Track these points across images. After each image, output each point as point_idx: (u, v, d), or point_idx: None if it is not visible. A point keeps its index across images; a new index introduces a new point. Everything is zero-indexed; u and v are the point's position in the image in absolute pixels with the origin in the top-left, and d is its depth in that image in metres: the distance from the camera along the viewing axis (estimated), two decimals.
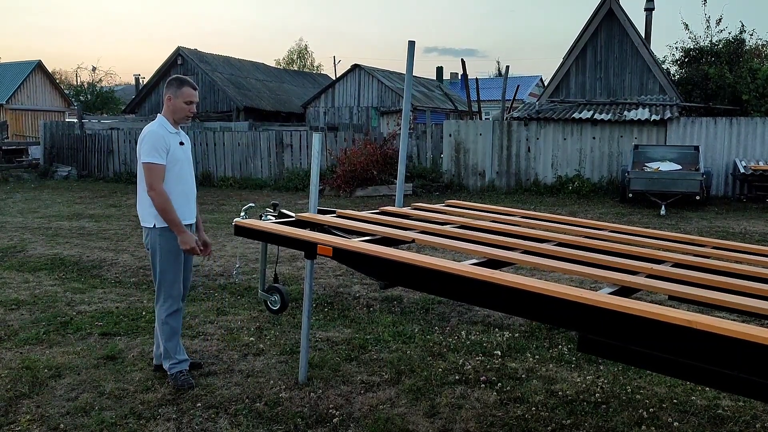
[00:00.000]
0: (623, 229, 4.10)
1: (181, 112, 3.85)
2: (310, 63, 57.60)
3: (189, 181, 3.93)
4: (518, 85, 25.71)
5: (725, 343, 2.04)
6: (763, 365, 1.98)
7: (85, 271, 7.11)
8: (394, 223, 3.84)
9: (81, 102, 36.23)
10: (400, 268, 2.92)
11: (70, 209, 12.75)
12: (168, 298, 3.86)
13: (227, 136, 18.43)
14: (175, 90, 3.83)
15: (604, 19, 17.63)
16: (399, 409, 3.53)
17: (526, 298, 2.47)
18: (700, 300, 2.51)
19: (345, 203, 13.56)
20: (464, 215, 4.34)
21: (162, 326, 3.88)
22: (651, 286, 2.64)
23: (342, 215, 4.10)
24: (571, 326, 2.53)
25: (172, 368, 3.88)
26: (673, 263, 3.10)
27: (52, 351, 4.43)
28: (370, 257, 3.04)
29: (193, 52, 29.66)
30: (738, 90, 17.89)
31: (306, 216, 3.86)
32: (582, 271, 2.81)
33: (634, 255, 3.24)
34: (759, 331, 2.02)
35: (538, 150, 15.61)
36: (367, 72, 29.40)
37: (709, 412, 3.52)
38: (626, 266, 2.94)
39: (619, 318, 2.24)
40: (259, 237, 3.65)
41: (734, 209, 12.46)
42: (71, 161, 20.69)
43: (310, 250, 3.34)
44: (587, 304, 2.31)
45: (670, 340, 2.14)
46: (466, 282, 2.66)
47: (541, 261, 2.98)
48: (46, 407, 3.54)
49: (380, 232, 3.53)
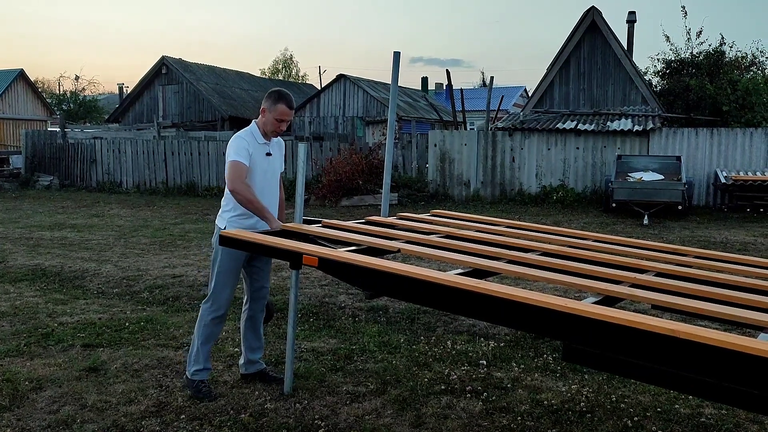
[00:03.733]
0: (607, 239, 4.14)
1: (270, 127, 3.85)
2: (295, 73, 57.64)
3: (267, 191, 3.90)
4: (503, 95, 25.90)
5: (707, 351, 2.06)
6: (744, 373, 2.01)
7: (66, 281, 7.03)
8: (380, 233, 3.84)
9: (63, 111, 35.96)
10: (385, 277, 2.92)
11: (51, 219, 12.61)
12: (216, 300, 3.83)
13: (212, 145, 18.36)
14: (270, 104, 3.83)
15: (587, 31, 17.83)
16: (385, 420, 3.52)
17: (510, 308, 2.48)
18: (683, 309, 2.54)
19: (330, 213, 13.54)
20: (450, 225, 4.35)
21: (203, 327, 3.83)
22: (634, 295, 2.67)
23: (327, 225, 4.09)
24: (555, 335, 2.54)
25: (195, 374, 3.81)
26: (655, 273, 3.13)
27: (33, 363, 4.37)
28: (355, 267, 3.04)
29: (177, 61, 29.58)
30: (718, 101, 18.16)
31: (291, 226, 3.85)
32: (566, 281, 2.83)
33: (617, 264, 3.27)
34: (739, 339, 2.04)
35: (522, 160, 15.71)
36: (352, 82, 29.48)
37: (692, 420, 3.54)
38: (610, 276, 2.97)
39: (603, 327, 2.25)
40: (245, 247, 3.64)
41: (715, 219, 12.60)
42: (53, 170, 20.50)
43: (295, 260, 3.33)
44: (571, 314, 2.32)
45: (654, 349, 2.16)
46: (450, 292, 2.66)
47: (525, 270, 3.00)
48: (27, 420, 3.49)
49: (366, 241, 3.53)
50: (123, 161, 19.38)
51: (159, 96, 29.47)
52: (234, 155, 3.75)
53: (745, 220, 12.42)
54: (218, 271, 3.82)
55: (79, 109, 39.68)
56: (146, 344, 4.80)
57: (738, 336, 2.11)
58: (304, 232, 3.78)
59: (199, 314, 3.89)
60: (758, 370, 1.98)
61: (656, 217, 12.36)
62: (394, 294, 3.32)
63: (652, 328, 2.15)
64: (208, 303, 3.86)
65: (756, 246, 9.30)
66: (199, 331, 3.85)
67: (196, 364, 3.83)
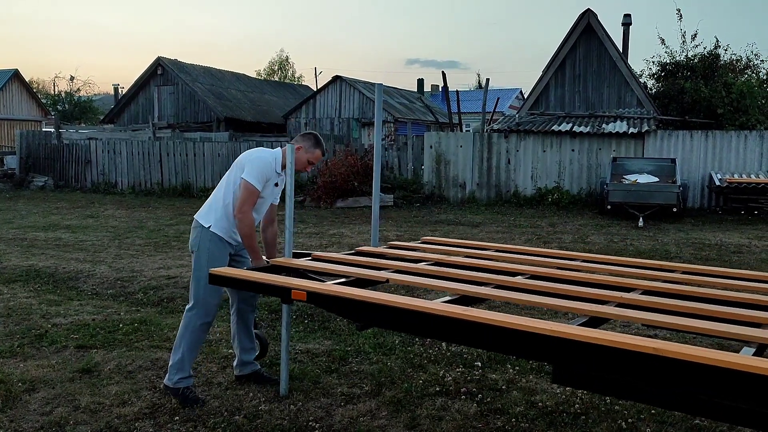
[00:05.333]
0: (595, 258, 4.19)
1: (297, 165, 3.89)
2: (291, 74, 57.63)
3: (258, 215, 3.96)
4: (498, 97, 25.97)
5: (691, 368, 2.09)
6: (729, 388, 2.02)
7: (60, 282, 7.01)
8: (369, 263, 3.87)
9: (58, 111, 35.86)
10: (373, 309, 2.94)
11: (46, 220, 12.57)
12: (205, 306, 3.76)
13: (207, 146, 18.33)
14: (309, 146, 3.92)
15: (583, 33, 17.89)
16: (379, 421, 3.52)
17: (497, 334, 2.50)
18: (668, 327, 2.58)
19: (326, 214, 13.54)
20: (439, 251, 4.38)
21: (190, 334, 3.75)
22: (620, 315, 2.71)
23: (317, 258, 4.11)
24: (543, 359, 2.57)
25: (180, 382, 3.73)
26: (642, 291, 3.18)
27: (26, 364, 4.35)
28: (343, 300, 3.06)
29: (173, 62, 29.53)
30: (713, 104, 18.23)
31: (280, 261, 3.87)
32: (553, 304, 2.87)
33: (604, 284, 3.31)
34: (722, 355, 2.08)
35: (517, 162, 15.73)
36: (348, 83, 29.48)
37: (686, 422, 3.55)
38: (597, 296, 3.01)
39: (589, 349, 2.28)
40: (234, 285, 3.65)
41: (710, 221, 12.64)
42: (48, 171, 20.43)
43: (284, 295, 3.35)
44: (557, 337, 2.34)
45: (639, 368, 2.19)
46: (438, 320, 2.68)
47: (512, 295, 3.04)
48: (20, 422, 3.47)
49: (355, 273, 3.56)
50: (118, 162, 19.33)
51: (154, 97, 29.41)
52: (255, 180, 3.75)
53: (739, 222, 12.47)
54: (205, 274, 3.72)
55: (74, 110, 39.59)
56: (140, 345, 4.78)
57: (720, 351, 2.14)
58: (293, 266, 3.80)
59: (185, 321, 3.79)
60: (742, 385, 2.00)
61: (651, 219, 12.40)
62: (383, 324, 3.36)
63: (636, 348, 2.18)
64: (194, 309, 3.77)
65: (750, 248, 9.33)
66: (186, 337, 3.76)
67: (181, 372, 3.74)
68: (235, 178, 3.81)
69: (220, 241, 3.79)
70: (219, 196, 3.86)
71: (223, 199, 3.82)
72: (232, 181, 3.84)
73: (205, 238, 3.79)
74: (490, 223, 12.22)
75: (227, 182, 3.86)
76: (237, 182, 3.79)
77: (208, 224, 3.80)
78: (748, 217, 12.89)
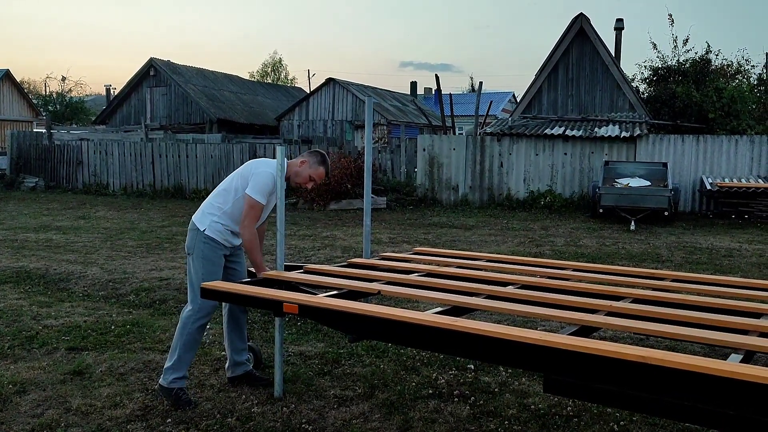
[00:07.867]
0: (586, 267, 4.22)
1: (301, 179, 3.97)
2: (284, 76, 57.65)
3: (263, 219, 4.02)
4: (491, 100, 26.01)
5: (678, 375, 2.11)
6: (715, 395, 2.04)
7: (51, 284, 6.97)
8: (361, 275, 3.87)
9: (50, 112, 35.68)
10: (364, 321, 2.96)
11: (36, 221, 12.49)
12: (203, 308, 3.78)
13: (200, 148, 18.28)
14: (314, 162, 3.97)
15: (576, 37, 17.95)
16: (372, 424, 3.52)
17: (488, 344, 2.52)
18: (656, 334, 2.60)
19: (319, 216, 13.53)
20: (431, 262, 4.39)
21: (186, 335, 3.76)
22: (609, 324, 2.72)
23: (309, 270, 4.11)
24: (534, 368, 2.59)
25: (174, 383, 3.73)
26: (632, 299, 3.20)
27: (16, 366, 4.32)
28: (334, 312, 3.07)
29: (166, 63, 29.46)
30: (704, 108, 18.34)
31: (272, 274, 3.88)
32: (543, 313, 2.88)
33: (595, 293, 3.33)
34: (708, 362, 2.10)
35: (510, 165, 15.77)
36: (341, 86, 29.49)
37: (677, 425, 3.56)
38: (587, 305, 3.03)
39: (578, 358, 2.30)
40: (226, 299, 3.65)
41: (701, 225, 12.71)
42: (39, 172, 20.32)
43: (276, 308, 3.36)
44: (546, 347, 2.36)
45: (627, 376, 2.20)
46: (429, 332, 2.69)
47: (502, 305, 3.05)
48: (10, 424, 3.45)
49: (346, 285, 3.57)
50: (110, 163, 19.25)
51: (147, 98, 29.32)
52: (260, 195, 3.80)
53: (730, 226, 12.54)
54: (202, 277, 3.77)
55: (66, 110, 39.40)
56: (132, 347, 4.76)
57: (706, 359, 2.16)
58: (285, 279, 3.80)
59: (182, 321, 3.81)
60: (730, 391, 2.01)
61: (643, 223, 12.45)
62: (375, 336, 3.36)
63: (623, 356, 2.21)
64: (192, 310, 3.79)
65: (741, 252, 9.39)
66: (183, 338, 3.77)
67: (176, 372, 3.74)
68: (238, 188, 3.85)
69: (215, 243, 3.83)
70: (218, 201, 3.89)
71: (223, 205, 3.86)
72: (233, 188, 3.87)
73: (200, 240, 3.81)
74: (483, 226, 12.24)
75: (227, 188, 3.89)
76: (240, 193, 3.83)
77: (203, 227, 3.83)
78: (738, 221, 12.97)
